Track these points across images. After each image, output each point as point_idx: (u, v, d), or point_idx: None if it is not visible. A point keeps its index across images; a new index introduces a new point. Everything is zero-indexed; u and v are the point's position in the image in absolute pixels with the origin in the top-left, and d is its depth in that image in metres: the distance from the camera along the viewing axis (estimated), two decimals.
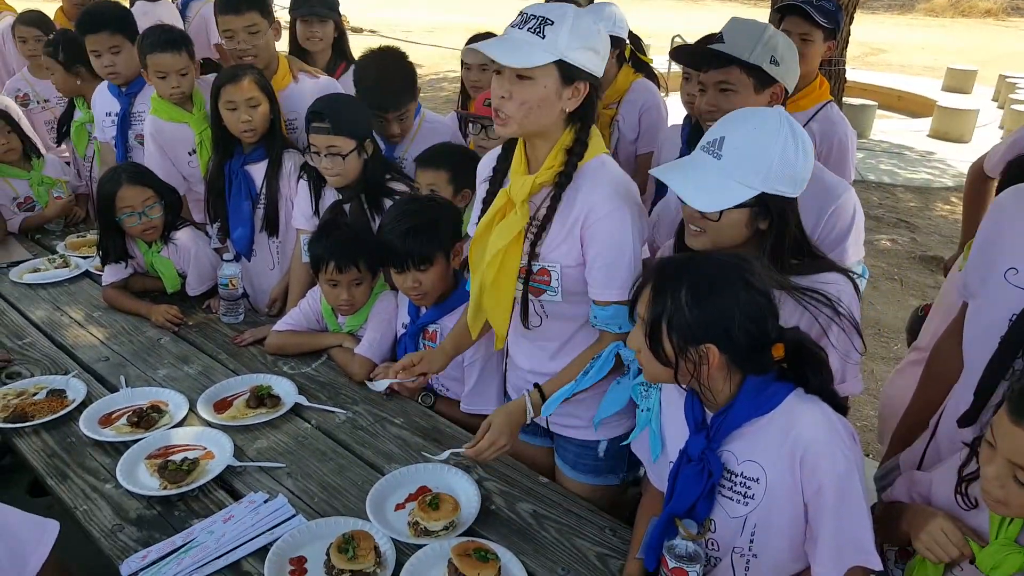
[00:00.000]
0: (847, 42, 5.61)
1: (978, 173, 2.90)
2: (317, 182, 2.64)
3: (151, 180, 2.75)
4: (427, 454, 2.02)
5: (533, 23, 1.61)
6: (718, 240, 1.62)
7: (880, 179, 7.61)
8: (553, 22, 1.60)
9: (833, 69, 5.44)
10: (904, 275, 5.36)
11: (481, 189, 1.94)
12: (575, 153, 1.73)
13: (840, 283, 1.63)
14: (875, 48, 16.51)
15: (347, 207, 2.56)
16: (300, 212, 2.73)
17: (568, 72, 1.64)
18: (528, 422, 1.86)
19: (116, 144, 3.22)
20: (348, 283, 2.40)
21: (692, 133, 2.54)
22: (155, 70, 2.83)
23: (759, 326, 1.36)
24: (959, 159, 8.33)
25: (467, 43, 3.12)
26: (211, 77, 3.00)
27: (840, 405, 1.44)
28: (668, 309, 1.36)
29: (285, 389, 2.29)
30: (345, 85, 3.05)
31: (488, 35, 3.19)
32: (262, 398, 2.21)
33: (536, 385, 1.87)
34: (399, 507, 1.85)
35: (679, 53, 2.31)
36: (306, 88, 2.93)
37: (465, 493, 1.88)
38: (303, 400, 2.26)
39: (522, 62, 1.60)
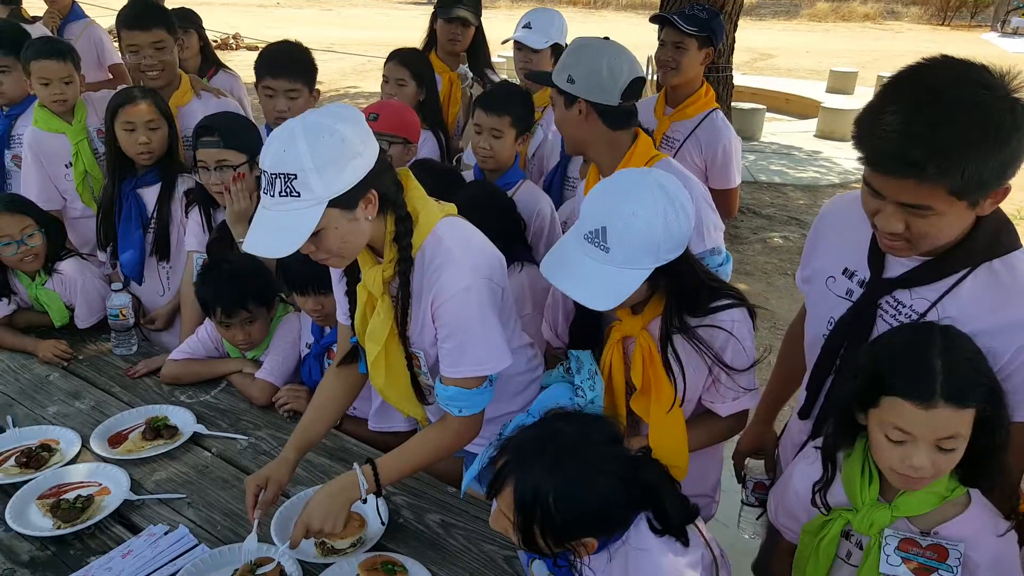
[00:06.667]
0: (733, 49, 5.89)
1: None
2: (206, 204, 2.61)
3: (30, 209, 2.66)
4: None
5: (280, 184, 1.46)
6: (624, 306, 1.65)
7: (771, 179, 8.00)
8: (296, 175, 1.45)
9: (721, 76, 5.72)
10: (800, 285, 5.65)
11: (341, 284, 1.89)
12: (403, 240, 1.65)
13: (736, 319, 1.67)
14: (763, 53, 17.31)
15: None
16: (192, 234, 2.69)
17: (345, 200, 1.52)
18: (363, 499, 1.72)
19: None
20: (240, 324, 2.38)
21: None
22: (38, 77, 2.82)
23: (628, 510, 1.42)
24: (843, 157, 8.84)
25: (388, 58, 3.18)
26: (103, 93, 2.99)
27: (685, 526, 1.46)
28: (538, 517, 1.35)
29: (183, 419, 2.25)
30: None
31: (411, 50, 3.25)
32: (158, 429, 2.16)
33: (369, 460, 1.77)
34: None
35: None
36: (207, 107, 2.92)
37: (372, 509, 1.89)
38: (202, 429, 2.22)
39: (294, 242, 1.48)
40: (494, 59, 3.98)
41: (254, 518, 1.74)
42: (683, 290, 1.65)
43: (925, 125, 1.24)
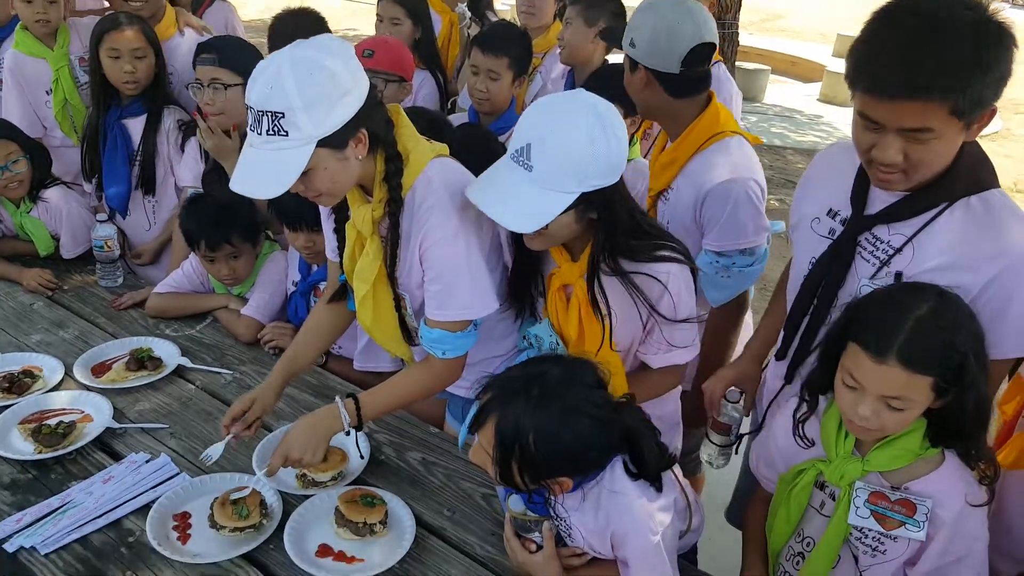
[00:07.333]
0: (740, 6, 5.79)
1: None
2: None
3: (15, 134, 2.61)
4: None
5: (268, 122, 1.42)
6: (554, 241, 1.63)
7: (771, 142, 7.92)
8: (283, 114, 1.40)
9: (727, 33, 5.62)
10: (790, 234, 5.63)
11: (329, 220, 1.86)
12: (393, 180, 1.60)
13: (672, 272, 1.61)
14: (772, 14, 17.00)
15: None
16: (187, 169, 2.66)
17: (335, 140, 1.47)
18: (346, 431, 1.72)
19: None
20: (224, 258, 2.36)
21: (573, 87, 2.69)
22: None
23: (604, 453, 1.43)
24: (845, 122, 8.71)
25: None
26: (88, 20, 2.89)
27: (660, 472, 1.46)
28: (516, 454, 1.37)
29: (167, 351, 2.24)
30: (210, 20, 3.16)
31: None
32: (142, 361, 2.15)
33: (351, 394, 1.76)
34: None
35: None
36: (190, 43, 2.84)
37: (353, 444, 1.90)
38: (186, 362, 2.21)
39: (282, 183, 1.44)
40: (497, 6, 3.90)
41: (229, 431, 1.75)
42: (615, 226, 1.58)
43: (926, 48, 1.27)
